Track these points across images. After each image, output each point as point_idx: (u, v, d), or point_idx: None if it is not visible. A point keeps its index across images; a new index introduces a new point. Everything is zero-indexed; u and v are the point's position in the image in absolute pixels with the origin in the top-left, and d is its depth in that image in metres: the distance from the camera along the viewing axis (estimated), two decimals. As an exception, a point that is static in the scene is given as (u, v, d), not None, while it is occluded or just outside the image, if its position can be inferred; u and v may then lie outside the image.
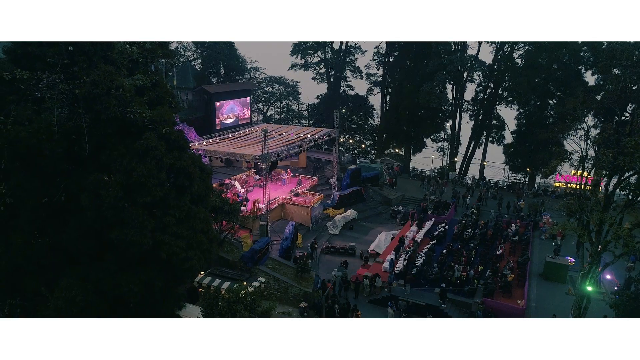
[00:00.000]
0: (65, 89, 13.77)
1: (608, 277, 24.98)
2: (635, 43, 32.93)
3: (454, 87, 44.81)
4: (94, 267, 14.64)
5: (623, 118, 33.04)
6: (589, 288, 18.26)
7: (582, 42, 37.04)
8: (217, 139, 35.01)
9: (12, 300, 15.48)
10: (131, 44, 16.09)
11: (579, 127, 20.12)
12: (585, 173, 18.82)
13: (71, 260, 14.91)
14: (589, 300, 18.64)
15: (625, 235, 14.06)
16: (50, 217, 14.42)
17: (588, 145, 18.89)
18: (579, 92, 24.04)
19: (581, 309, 18.67)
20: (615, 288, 23.18)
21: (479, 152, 47.14)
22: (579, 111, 20.02)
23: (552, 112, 38.54)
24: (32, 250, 14.63)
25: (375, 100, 54.56)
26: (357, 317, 20.92)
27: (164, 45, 18.67)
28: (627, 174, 16.38)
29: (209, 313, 12.92)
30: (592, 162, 18.99)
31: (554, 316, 20.32)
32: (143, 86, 15.62)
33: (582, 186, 18.44)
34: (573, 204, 17.98)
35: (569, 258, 26.72)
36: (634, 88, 32.37)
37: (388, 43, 48.16)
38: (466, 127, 47.81)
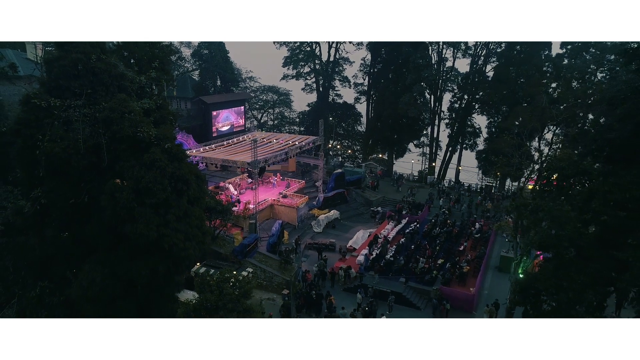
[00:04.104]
0: (88, 113, 17.32)
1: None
2: (587, 60, 36.62)
3: (432, 97, 48.51)
4: (110, 255, 18.09)
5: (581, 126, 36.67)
6: (521, 275, 21.82)
7: (545, 57, 40.74)
8: (213, 146, 38.55)
9: (42, 284, 18.98)
10: (139, 74, 19.65)
11: (521, 140, 23.76)
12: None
13: (91, 250, 18.39)
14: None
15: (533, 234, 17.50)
16: (76, 215, 17.95)
17: (523, 155, 22.52)
18: (518, 110, 27.62)
19: (516, 293, 22.23)
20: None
21: (457, 157, 50.84)
22: (521, 128, 23.62)
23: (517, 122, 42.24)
24: (60, 242, 18.16)
25: (362, 108, 58.29)
26: (330, 302, 24.47)
27: (167, 71, 22.23)
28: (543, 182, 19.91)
29: (201, 289, 16.43)
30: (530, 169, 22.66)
31: (496, 300, 23.91)
32: (149, 108, 19.15)
33: (518, 190, 22.02)
34: (508, 206, 21.55)
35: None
36: (589, 101, 36.11)
37: (372, 55, 51.83)
38: (445, 133, 51.53)
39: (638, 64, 12.48)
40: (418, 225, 34.57)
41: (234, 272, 20.15)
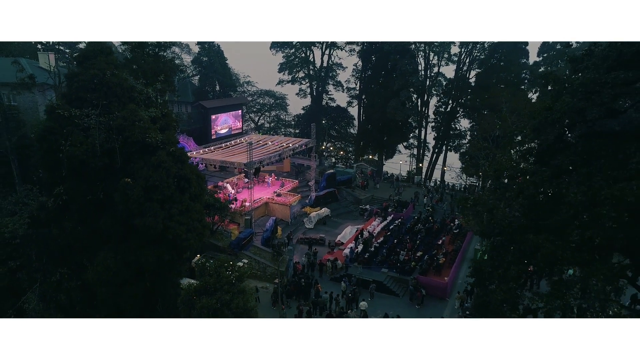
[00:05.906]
0: (104, 121, 20.01)
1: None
2: (561, 67, 39.32)
3: (419, 101, 51.27)
4: (122, 245, 20.75)
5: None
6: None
7: (522, 65, 43.51)
8: (212, 148, 41.23)
9: (62, 270, 21.64)
10: (146, 85, 22.35)
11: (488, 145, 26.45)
12: None
13: (105, 240, 21.06)
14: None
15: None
16: (92, 210, 20.63)
17: (488, 158, 25.18)
18: (481, 118, 30.29)
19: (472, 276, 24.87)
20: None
21: (443, 158, 53.58)
22: (487, 133, 26.30)
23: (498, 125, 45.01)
24: (78, 233, 20.84)
25: (354, 111, 61.01)
26: (317, 289, 27.18)
27: (171, 82, 24.94)
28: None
29: (201, 274, 19.08)
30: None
31: (466, 289, 26.58)
32: (156, 116, 21.83)
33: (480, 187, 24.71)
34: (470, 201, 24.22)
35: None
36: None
37: (363, 61, 54.54)
38: (432, 136, 54.32)
39: (553, 86, 15.14)
40: (401, 222, 37.25)
41: (231, 263, 22.83)
